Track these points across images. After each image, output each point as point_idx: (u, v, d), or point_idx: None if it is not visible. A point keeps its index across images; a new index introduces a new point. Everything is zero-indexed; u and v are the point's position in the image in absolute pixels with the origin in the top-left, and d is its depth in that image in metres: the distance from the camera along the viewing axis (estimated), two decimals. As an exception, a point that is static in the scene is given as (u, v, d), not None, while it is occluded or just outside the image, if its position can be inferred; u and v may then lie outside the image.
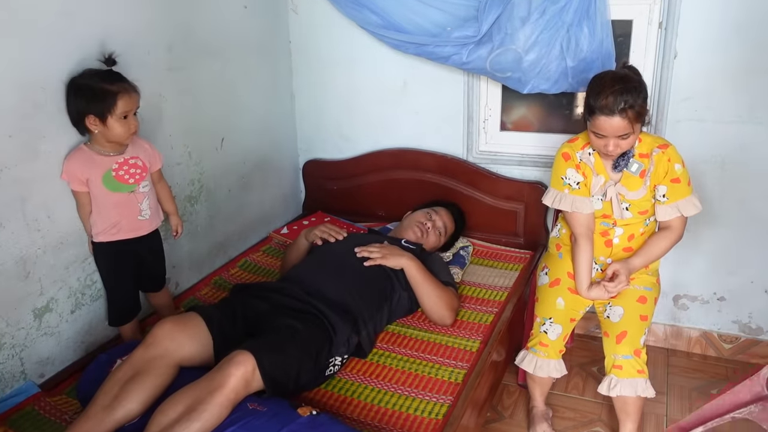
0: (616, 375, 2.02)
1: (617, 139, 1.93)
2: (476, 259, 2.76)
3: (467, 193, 2.89)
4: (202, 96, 2.48)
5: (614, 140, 1.93)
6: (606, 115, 1.89)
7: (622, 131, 1.91)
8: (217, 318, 1.88)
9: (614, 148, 1.95)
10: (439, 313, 2.19)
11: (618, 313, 2.07)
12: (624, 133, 1.91)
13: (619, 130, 1.90)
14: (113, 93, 1.81)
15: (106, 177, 1.90)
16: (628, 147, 1.97)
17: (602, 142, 1.96)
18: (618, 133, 1.91)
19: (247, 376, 1.60)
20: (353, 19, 2.74)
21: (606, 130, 1.92)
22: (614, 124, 1.89)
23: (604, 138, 1.94)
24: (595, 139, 1.98)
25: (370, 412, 1.81)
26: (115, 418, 1.61)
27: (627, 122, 1.88)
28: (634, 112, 1.88)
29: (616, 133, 1.91)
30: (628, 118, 1.88)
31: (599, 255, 2.18)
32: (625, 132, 1.91)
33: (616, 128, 1.90)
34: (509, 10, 2.39)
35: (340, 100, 3.08)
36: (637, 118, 1.90)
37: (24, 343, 1.86)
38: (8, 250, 1.77)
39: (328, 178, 3.18)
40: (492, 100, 2.80)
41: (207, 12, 2.45)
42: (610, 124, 1.90)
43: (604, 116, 1.89)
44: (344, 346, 1.94)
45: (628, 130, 1.91)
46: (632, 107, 1.87)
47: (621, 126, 1.89)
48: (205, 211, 2.58)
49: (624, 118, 1.88)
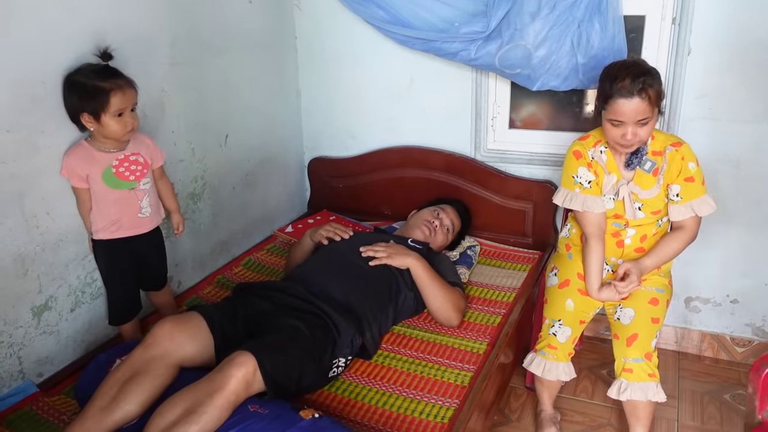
0: (626, 378, 1.97)
1: (636, 125, 1.87)
2: (484, 259, 2.72)
3: (475, 192, 2.84)
4: (206, 92, 2.44)
5: (633, 127, 1.87)
6: (625, 97, 1.83)
7: (642, 115, 1.84)
8: (219, 318, 1.84)
9: (632, 137, 1.89)
10: (446, 314, 2.15)
11: (629, 315, 2.02)
12: (643, 117, 1.85)
13: (639, 114, 1.84)
14: (106, 90, 1.76)
15: (106, 173, 1.86)
16: (646, 136, 1.91)
17: (620, 132, 1.90)
18: (638, 117, 1.85)
19: (248, 378, 1.56)
20: (359, 14, 2.69)
21: (625, 114, 1.85)
22: (634, 107, 1.83)
23: (622, 126, 1.88)
24: (612, 129, 1.92)
25: (374, 414, 1.77)
26: (113, 420, 1.57)
27: (647, 104, 1.83)
28: (654, 92, 1.83)
29: (635, 117, 1.85)
30: (648, 99, 1.82)
31: (610, 256, 2.13)
32: (644, 116, 1.85)
33: (636, 111, 1.84)
34: (519, 5, 2.34)
35: (347, 97, 3.04)
36: (656, 100, 1.85)
37: (22, 341, 1.83)
38: (6, 247, 1.74)
39: (333, 176, 3.14)
40: (501, 98, 2.75)
41: (211, 7, 2.41)
42: (630, 107, 1.84)
43: (623, 99, 1.83)
44: (348, 347, 1.90)
45: (647, 114, 1.85)
46: (651, 86, 1.82)
47: (641, 108, 1.83)
48: (208, 208, 2.54)
49: (644, 99, 1.82)
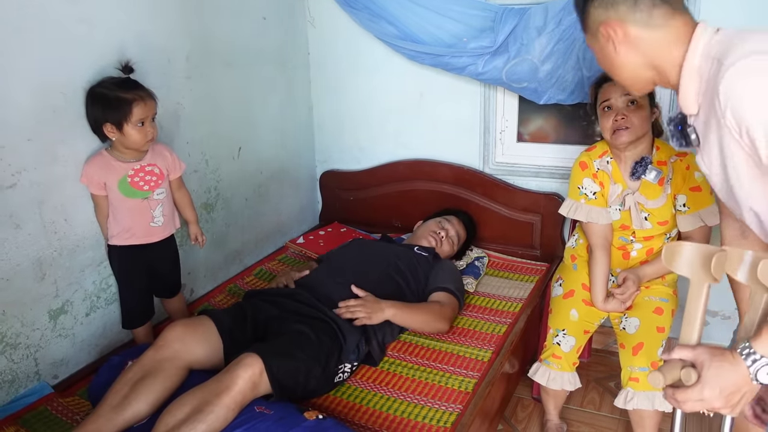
0: (632, 388, 1.98)
1: (625, 106, 1.94)
2: (492, 270, 2.74)
3: (483, 205, 2.88)
4: (220, 105, 2.51)
5: (623, 108, 1.94)
6: (611, 80, 1.93)
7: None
8: (228, 322, 1.89)
9: (623, 119, 1.95)
10: (432, 328, 2.16)
11: (634, 325, 2.03)
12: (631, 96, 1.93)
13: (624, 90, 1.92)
14: (128, 101, 1.84)
15: (121, 182, 1.93)
16: (639, 124, 1.96)
17: (611, 117, 1.97)
18: (624, 92, 1.93)
19: (255, 379, 1.61)
20: (370, 30, 2.76)
21: (611, 92, 1.96)
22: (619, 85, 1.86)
23: (613, 109, 1.96)
24: (605, 119, 1.99)
25: (378, 419, 1.79)
26: (124, 418, 1.62)
27: None
28: None
29: (622, 92, 1.93)
30: None
31: (616, 267, 2.15)
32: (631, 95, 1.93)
33: (621, 88, 1.91)
34: (525, 21, 2.40)
35: (358, 111, 3.10)
36: None
37: (39, 343, 1.89)
38: (25, 251, 1.80)
39: (344, 188, 3.20)
40: (509, 112, 2.79)
41: (226, 22, 2.49)
42: (615, 86, 1.94)
43: (609, 82, 1.96)
44: (354, 353, 1.94)
45: None
46: None
47: None
48: (221, 219, 2.60)
49: None
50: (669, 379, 1.14)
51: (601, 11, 1.30)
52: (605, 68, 1.40)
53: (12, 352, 1.81)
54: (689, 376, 1.11)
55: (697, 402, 1.12)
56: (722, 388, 1.09)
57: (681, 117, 1.29)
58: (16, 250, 1.78)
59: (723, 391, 1.09)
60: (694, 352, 1.14)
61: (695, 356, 1.13)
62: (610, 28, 1.28)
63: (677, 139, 1.33)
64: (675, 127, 1.32)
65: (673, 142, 1.35)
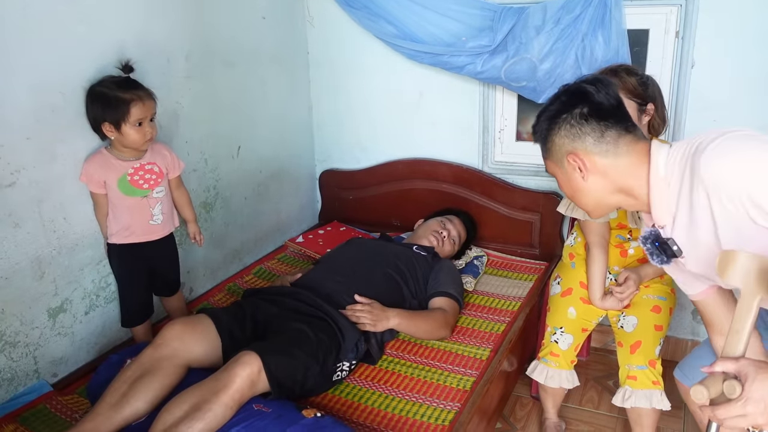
0: (630, 386, 1.98)
1: None
2: (491, 269, 2.74)
3: (483, 204, 2.88)
4: (219, 104, 2.52)
5: None
6: None
7: None
8: (226, 320, 1.89)
9: None
10: (435, 335, 2.16)
11: (632, 323, 2.04)
12: None
13: None
14: (126, 101, 1.85)
15: (121, 181, 1.93)
16: None
17: None
18: None
19: (253, 377, 1.61)
20: (369, 29, 2.77)
21: None
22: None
23: None
24: None
25: (377, 417, 1.80)
26: (122, 416, 1.62)
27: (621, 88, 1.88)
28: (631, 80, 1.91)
29: None
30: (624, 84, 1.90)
31: (613, 265, 2.16)
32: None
33: None
34: (524, 20, 2.40)
35: (357, 110, 3.11)
36: (634, 90, 1.91)
37: (38, 342, 1.89)
38: (24, 249, 1.81)
39: (344, 188, 3.20)
40: (508, 110, 2.80)
41: (225, 22, 2.49)
42: None
43: None
44: (352, 351, 1.94)
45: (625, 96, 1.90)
46: (627, 71, 1.93)
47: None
48: (220, 218, 2.61)
49: (618, 80, 1.89)
50: (713, 393, 1.07)
51: (567, 141, 1.34)
52: (568, 194, 1.44)
53: (11, 350, 1.81)
54: (733, 388, 1.05)
55: (740, 417, 1.04)
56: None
57: (655, 233, 1.32)
58: (15, 248, 1.78)
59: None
60: (737, 364, 1.07)
61: (739, 368, 1.06)
62: (577, 159, 1.32)
63: (656, 255, 1.35)
64: (652, 245, 1.34)
65: (654, 260, 1.36)
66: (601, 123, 1.31)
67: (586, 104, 1.32)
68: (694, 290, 1.44)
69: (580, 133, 1.31)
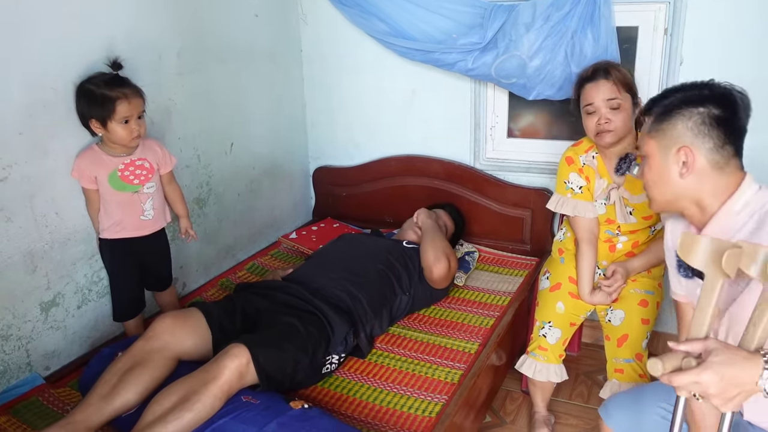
0: (617, 379, 2.00)
1: (608, 110, 1.97)
2: (482, 265, 2.77)
3: (474, 200, 2.90)
4: (212, 101, 2.54)
5: (605, 111, 1.97)
6: (590, 81, 2.01)
7: (609, 94, 1.97)
8: (217, 314, 1.91)
9: (606, 123, 1.97)
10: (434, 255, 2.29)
11: (619, 317, 2.06)
12: (611, 97, 1.96)
13: (605, 93, 1.97)
14: (112, 99, 1.86)
15: (111, 176, 1.95)
16: (621, 125, 1.98)
17: (594, 119, 2.00)
18: (606, 97, 1.97)
19: (242, 369, 1.63)
20: (361, 27, 2.79)
21: (593, 96, 1.99)
22: (600, 87, 1.98)
23: (596, 112, 1.99)
24: (589, 121, 2.02)
25: (365, 409, 1.82)
26: (113, 407, 1.65)
27: (612, 84, 1.97)
28: (618, 74, 1.98)
29: (603, 96, 1.97)
30: (613, 80, 1.97)
31: (602, 260, 2.17)
32: (612, 96, 1.97)
33: (602, 90, 1.98)
34: (514, 17, 2.42)
35: (351, 108, 3.13)
36: (623, 83, 1.98)
37: (30, 335, 1.91)
38: (16, 244, 1.83)
39: (337, 184, 3.22)
40: (499, 107, 2.81)
41: (218, 19, 2.51)
42: (597, 89, 1.99)
43: (589, 83, 2.01)
44: (341, 345, 1.96)
45: (615, 94, 1.96)
46: (614, 68, 2.00)
47: (606, 88, 1.98)
48: (213, 214, 2.62)
49: (608, 80, 1.98)
50: (669, 367, 1.11)
51: (689, 134, 1.31)
52: (647, 178, 1.40)
53: (3, 343, 1.83)
54: (689, 363, 1.10)
55: (693, 384, 1.08)
56: (725, 376, 1.05)
57: None
58: (7, 242, 1.80)
59: (724, 380, 1.05)
60: (704, 342, 1.11)
61: (706, 345, 1.10)
62: (691, 155, 1.30)
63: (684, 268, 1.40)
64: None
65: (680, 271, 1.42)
66: (727, 135, 1.29)
67: (727, 111, 1.30)
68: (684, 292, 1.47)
69: (707, 133, 1.29)
